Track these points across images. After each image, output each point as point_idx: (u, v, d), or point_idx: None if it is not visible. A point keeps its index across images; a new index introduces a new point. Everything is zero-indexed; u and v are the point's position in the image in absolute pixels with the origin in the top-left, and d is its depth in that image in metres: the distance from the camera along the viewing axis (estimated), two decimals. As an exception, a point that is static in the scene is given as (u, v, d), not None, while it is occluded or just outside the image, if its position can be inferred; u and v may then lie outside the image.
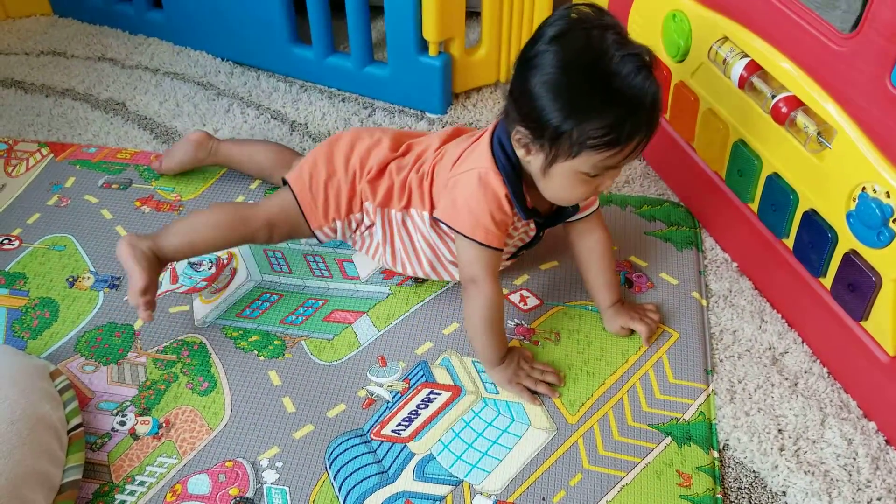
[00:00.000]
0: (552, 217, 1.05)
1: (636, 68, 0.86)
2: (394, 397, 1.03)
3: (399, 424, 1.00)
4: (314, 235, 1.13)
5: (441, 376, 1.05)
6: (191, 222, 1.11)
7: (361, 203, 1.10)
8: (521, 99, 0.92)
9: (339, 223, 1.12)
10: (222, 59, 1.64)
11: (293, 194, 1.11)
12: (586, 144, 0.88)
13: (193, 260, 1.21)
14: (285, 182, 1.13)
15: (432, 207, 1.06)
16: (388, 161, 1.09)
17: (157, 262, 1.07)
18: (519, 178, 0.99)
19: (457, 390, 1.03)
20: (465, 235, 0.99)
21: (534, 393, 1.02)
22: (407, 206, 1.08)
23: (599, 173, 0.92)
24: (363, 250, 1.16)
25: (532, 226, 1.05)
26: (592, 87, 0.87)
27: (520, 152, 0.95)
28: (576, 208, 1.05)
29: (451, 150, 1.06)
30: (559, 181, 0.94)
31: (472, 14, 1.52)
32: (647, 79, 0.87)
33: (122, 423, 1.01)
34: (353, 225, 1.12)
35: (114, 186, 1.34)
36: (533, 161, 0.95)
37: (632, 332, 1.08)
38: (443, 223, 1.02)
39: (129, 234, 1.08)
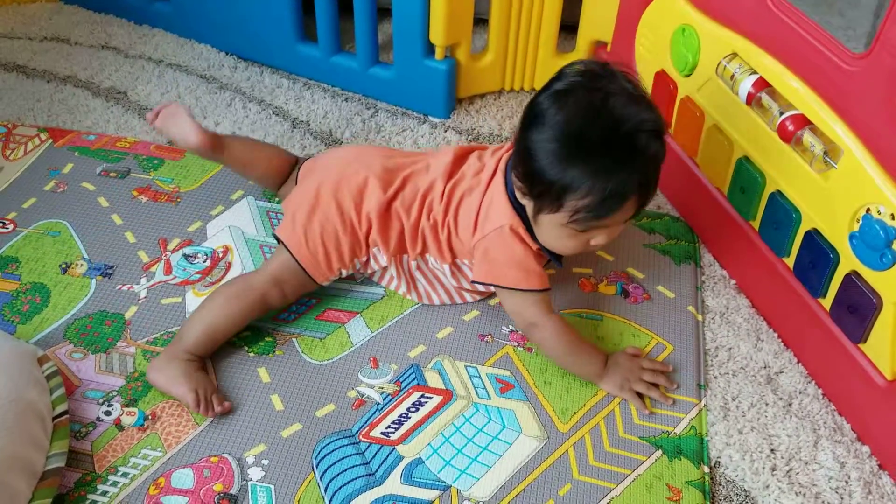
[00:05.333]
0: None
1: (627, 138, 0.88)
2: (384, 399, 1.01)
3: (388, 427, 0.98)
4: (321, 286, 1.10)
5: (433, 380, 1.04)
6: (203, 314, 1.03)
7: (367, 248, 1.08)
8: (517, 144, 0.95)
9: (343, 271, 1.10)
10: (227, 54, 1.63)
11: (290, 253, 1.06)
12: (566, 206, 0.90)
13: (188, 252, 1.20)
14: (278, 239, 1.08)
15: (453, 258, 1.07)
16: (386, 204, 1.05)
17: (196, 360, 1.01)
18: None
19: (448, 395, 1.02)
20: (520, 290, 0.99)
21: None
22: (423, 253, 1.08)
23: (587, 230, 0.94)
24: (381, 283, 1.14)
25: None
26: (577, 153, 0.88)
27: (518, 194, 0.97)
28: None
29: (464, 193, 1.03)
30: (547, 231, 0.96)
31: (480, 21, 1.52)
32: (633, 151, 0.88)
33: (108, 413, 0.99)
34: (359, 267, 1.11)
35: (112, 174, 1.33)
36: (527, 206, 0.97)
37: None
38: (490, 285, 1.02)
39: (152, 363, 1.00)
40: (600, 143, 0.88)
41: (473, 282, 1.05)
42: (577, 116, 0.89)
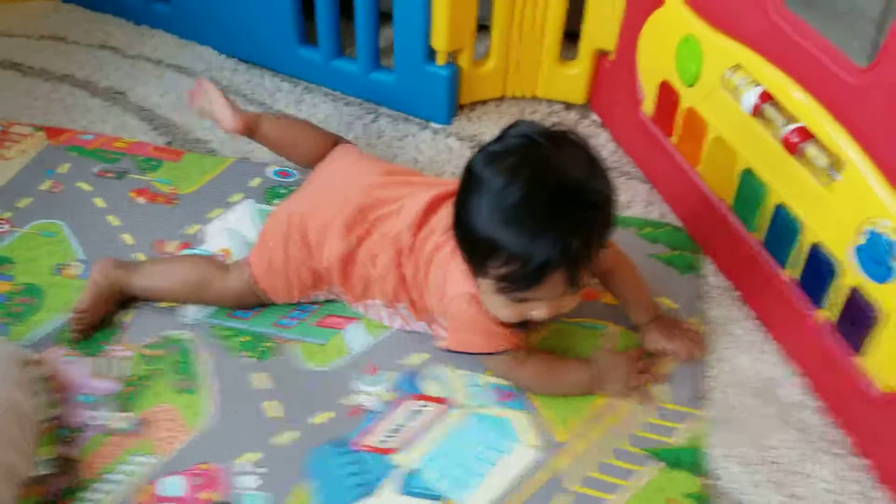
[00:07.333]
0: None
1: (552, 205, 0.82)
2: (382, 408, 1.00)
3: (385, 436, 0.97)
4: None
5: (431, 388, 1.03)
6: (163, 269, 1.11)
7: (329, 283, 1.08)
8: (454, 204, 0.90)
9: (303, 300, 1.10)
10: (227, 56, 1.62)
11: (253, 277, 1.07)
12: (489, 273, 0.86)
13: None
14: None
15: (428, 315, 1.04)
16: (348, 253, 1.03)
17: (114, 295, 1.08)
18: None
19: (447, 403, 1.01)
20: (489, 354, 0.98)
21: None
22: (395, 302, 1.05)
23: (521, 301, 0.88)
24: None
25: None
26: (499, 218, 0.82)
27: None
28: None
29: (433, 252, 0.99)
30: (485, 296, 0.91)
31: (482, 27, 1.51)
32: (559, 219, 0.81)
33: (98, 418, 0.98)
34: (322, 298, 1.11)
35: (109, 175, 1.32)
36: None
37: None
38: (462, 353, 1.01)
39: (110, 260, 1.10)
40: (522, 208, 0.81)
41: (444, 349, 1.02)
42: (502, 179, 0.82)
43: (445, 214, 1.00)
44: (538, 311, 0.90)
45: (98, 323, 1.07)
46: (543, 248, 0.81)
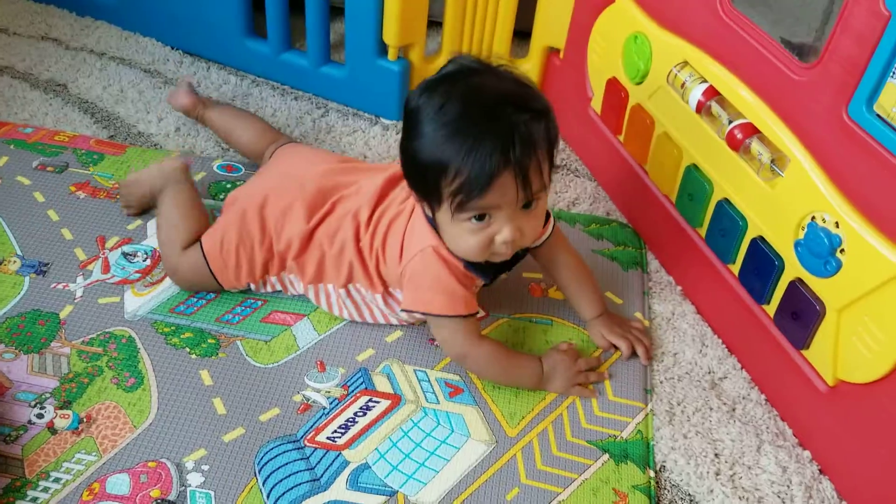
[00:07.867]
0: (506, 263, 1.00)
1: (486, 110, 0.85)
2: (331, 404, 0.99)
3: (335, 431, 0.96)
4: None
5: (381, 384, 1.02)
6: (175, 218, 1.12)
7: (281, 268, 1.08)
8: (400, 144, 0.94)
9: (252, 285, 1.10)
10: (172, 48, 1.59)
11: (204, 255, 1.07)
12: (444, 194, 0.87)
13: (127, 250, 1.16)
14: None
15: (385, 287, 1.04)
16: (309, 233, 1.04)
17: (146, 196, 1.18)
18: None
19: (396, 399, 1.00)
20: (446, 316, 0.97)
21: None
22: (349, 283, 1.05)
23: (483, 222, 0.89)
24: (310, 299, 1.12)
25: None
26: (440, 136, 0.86)
27: (421, 206, 0.95)
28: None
29: (391, 220, 1.01)
30: (447, 232, 0.93)
31: (434, 24, 1.51)
32: (493, 122, 0.85)
33: (40, 416, 0.95)
34: (269, 288, 1.11)
35: (49, 169, 1.28)
36: (428, 213, 0.94)
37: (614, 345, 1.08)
38: (417, 313, 1.00)
39: (179, 166, 1.16)
40: (460, 120, 0.85)
41: (403, 310, 1.02)
42: (438, 101, 0.87)
43: (401, 190, 1.03)
44: (501, 234, 0.90)
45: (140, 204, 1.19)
46: (486, 149, 0.84)
